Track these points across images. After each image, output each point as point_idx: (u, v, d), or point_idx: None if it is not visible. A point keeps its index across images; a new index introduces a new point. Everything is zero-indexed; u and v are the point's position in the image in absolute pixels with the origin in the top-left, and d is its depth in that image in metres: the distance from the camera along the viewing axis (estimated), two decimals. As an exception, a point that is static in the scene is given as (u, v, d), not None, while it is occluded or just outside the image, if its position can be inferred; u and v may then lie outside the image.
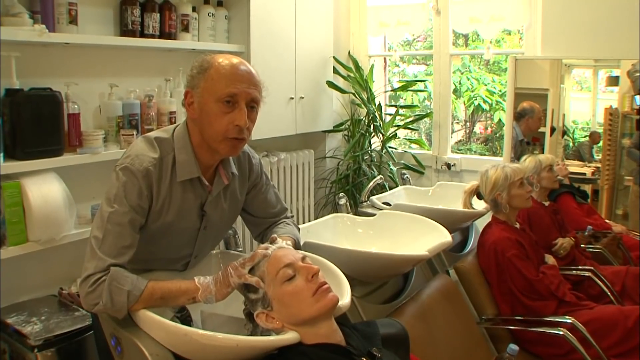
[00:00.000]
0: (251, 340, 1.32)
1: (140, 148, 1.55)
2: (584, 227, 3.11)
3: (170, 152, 1.56)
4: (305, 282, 1.37)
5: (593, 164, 3.50)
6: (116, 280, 1.40)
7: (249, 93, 1.50)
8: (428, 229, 2.23)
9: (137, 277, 1.45)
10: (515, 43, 5.41)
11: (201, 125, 1.53)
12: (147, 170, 1.49)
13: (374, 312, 2.03)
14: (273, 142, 3.73)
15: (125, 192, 1.47)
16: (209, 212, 1.65)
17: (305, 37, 3.73)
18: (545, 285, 2.42)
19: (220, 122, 1.48)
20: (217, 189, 1.64)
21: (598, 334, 2.23)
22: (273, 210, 1.86)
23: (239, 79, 1.49)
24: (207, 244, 1.76)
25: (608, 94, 3.53)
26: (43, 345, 2.14)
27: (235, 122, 1.48)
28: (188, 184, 1.57)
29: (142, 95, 2.81)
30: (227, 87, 1.47)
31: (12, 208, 2.25)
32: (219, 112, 1.48)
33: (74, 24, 2.49)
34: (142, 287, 1.43)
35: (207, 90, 1.49)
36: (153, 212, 1.53)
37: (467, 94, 5.68)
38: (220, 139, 1.51)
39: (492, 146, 5.93)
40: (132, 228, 1.48)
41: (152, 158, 1.52)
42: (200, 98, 1.51)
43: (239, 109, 1.49)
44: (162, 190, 1.53)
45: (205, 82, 1.49)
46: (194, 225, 1.64)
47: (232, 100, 1.48)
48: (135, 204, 1.48)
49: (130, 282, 1.42)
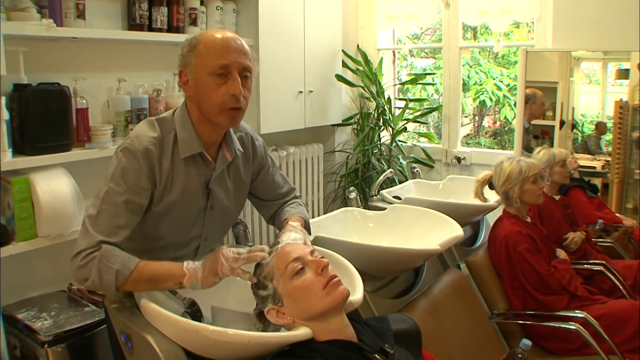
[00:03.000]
0: (263, 337, 1.31)
1: (141, 129, 1.58)
2: (594, 221, 3.08)
3: (172, 131, 1.58)
4: (315, 275, 1.36)
5: (603, 158, 3.47)
6: (106, 257, 1.42)
7: (240, 62, 1.52)
8: (439, 223, 2.22)
9: (129, 256, 1.45)
10: (524, 35, 5.37)
11: (198, 101, 1.55)
12: (146, 149, 1.51)
13: (385, 307, 2.02)
14: (282, 136, 3.72)
15: (123, 172, 1.50)
16: (214, 190, 1.65)
17: (313, 31, 3.71)
18: (556, 279, 2.41)
19: (216, 95, 1.51)
20: (221, 166, 1.66)
21: (611, 329, 2.20)
22: (281, 191, 1.87)
23: (228, 50, 1.51)
24: (216, 226, 1.75)
25: (617, 87, 3.50)
26: (53, 340, 2.14)
27: (230, 92, 1.50)
28: (191, 161, 1.59)
29: (151, 90, 2.80)
30: (219, 59, 1.49)
31: (21, 203, 2.24)
32: (214, 84, 1.50)
33: (82, 19, 2.48)
34: (132, 267, 1.43)
35: (199, 66, 1.51)
36: (157, 191, 1.55)
37: (475, 88, 5.65)
38: (218, 111, 1.53)
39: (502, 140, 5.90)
40: (127, 209, 1.49)
41: (152, 137, 1.54)
42: (193, 75, 1.53)
43: (232, 78, 1.51)
44: (164, 168, 1.54)
45: (196, 58, 1.52)
46: (200, 204, 1.64)
47: (224, 72, 1.50)
48: (133, 184, 1.50)
49: (120, 261, 1.43)
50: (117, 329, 1.54)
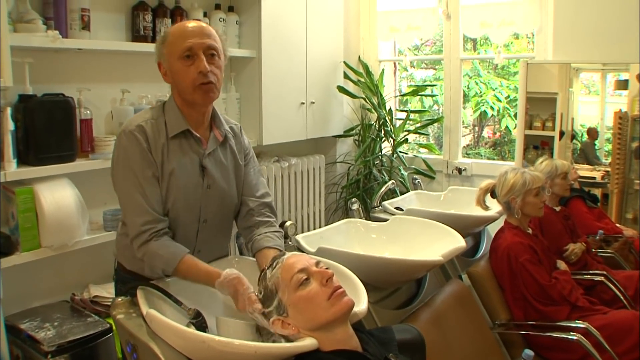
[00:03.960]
0: (269, 347, 1.31)
1: (131, 117, 1.76)
2: (595, 231, 3.08)
3: (161, 115, 1.72)
4: (319, 286, 1.37)
5: (602, 168, 3.49)
6: (150, 258, 1.62)
7: (202, 43, 1.65)
8: (441, 234, 2.22)
9: (169, 258, 1.61)
10: (523, 47, 5.40)
11: (176, 86, 1.70)
12: (140, 126, 1.66)
13: (388, 318, 2.02)
14: (284, 147, 3.73)
15: (127, 152, 1.65)
16: (209, 168, 1.74)
17: (315, 42, 3.74)
18: (558, 290, 2.41)
19: (187, 75, 1.64)
20: (213, 145, 1.77)
21: (612, 339, 2.21)
22: (258, 192, 1.89)
23: (190, 34, 1.65)
24: (215, 207, 1.79)
25: (616, 97, 3.52)
26: (57, 351, 2.14)
27: (198, 70, 1.63)
28: (183, 139, 1.71)
29: (154, 101, 2.81)
30: (183, 44, 1.63)
31: (25, 214, 2.26)
32: (183, 67, 1.64)
33: (87, 30, 2.51)
34: (171, 269, 1.61)
35: (170, 54, 1.66)
36: (157, 162, 1.66)
37: (475, 99, 5.67)
38: (191, 90, 1.66)
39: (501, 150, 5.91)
40: (148, 183, 1.64)
41: (144, 119, 1.69)
42: (167, 63, 1.68)
43: (198, 58, 1.64)
44: (159, 144, 1.67)
45: (166, 47, 1.67)
46: (198, 182, 1.73)
47: (190, 54, 1.64)
48: (139, 159, 1.64)
49: (163, 261, 1.61)
50: (123, 340, 1.55)
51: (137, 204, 1.63)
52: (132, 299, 1.62)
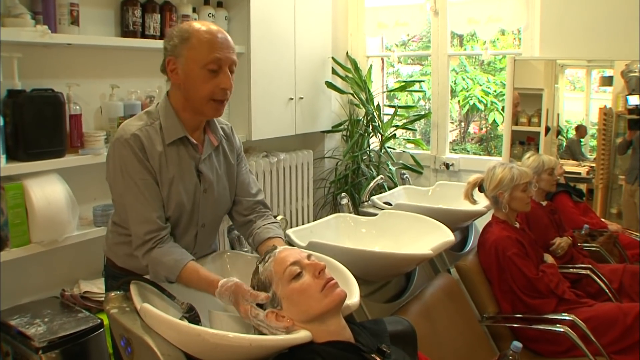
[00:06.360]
0: (264, 340, 1.32)
1: (127, 121, 1.69)
2: (580, 225, 3.12)
3: (157, 119, 1.67)
4: (312, 278, 1.39)
5: (587, 163, 3.53)
6: (154, 264, 1.59)
7: (230, 57, 1.62)
8: (430, 228, 2.24)
9: (172, 265, 1.58)
10: (509, 43, 5.44)
11: (186, 90, 1.63)
12: (134, 135, 1.60)
13: (378, 311, 2.04)
14: (272, 142, 3.74)
15: (123, 161, 1.60)
16: (205, 172, 1.73)
17: (304, 38, 3.74)
18: (545, 283, 2.44)
19: (207, 87, 1.60)
20: (208, 149, 1.75)
21: (598, 331, 2.24)
22: (251, 190, 1.90)
23: (220, 46, 1.60)
24: (211, 211, 1.79)
25: (601, 93, 3.56)
26: (48, 347, 2.13)
27: (221, 86, 1.61)
28: (180, 145, 1.68)
29: (143, 96, 2.82)
30: (211, 54, 1.58)
31: (14, 209, 2.25)
32: (205, 77, 1.59)
33: (76, 25, 2.49)
34: (174, 277, 1.58)
35: (192, 59, 1.59)
36: (155, 170, 1.63)
37: (462, 94, 5.71)
38: (205, 102, 1.62)
39: (487, 146, 5.96)
40: (148, 190, 1.61)
41: (138, 126, 1.63)
42: (184, 66, 1.61)
43: (223, 73, 1.61)
44: (156, 151, 1.63)
45: (189, 50, 1.59)
46: (194, 187, 1.71)
47: (216, 67, 1.59)
48: (137, 167, 1.60)
49: (166, 269, 1.58)
50: (117, 334, 1.55)
51: (138, 214, 1.61)
52: (125, 294, 1.62)
